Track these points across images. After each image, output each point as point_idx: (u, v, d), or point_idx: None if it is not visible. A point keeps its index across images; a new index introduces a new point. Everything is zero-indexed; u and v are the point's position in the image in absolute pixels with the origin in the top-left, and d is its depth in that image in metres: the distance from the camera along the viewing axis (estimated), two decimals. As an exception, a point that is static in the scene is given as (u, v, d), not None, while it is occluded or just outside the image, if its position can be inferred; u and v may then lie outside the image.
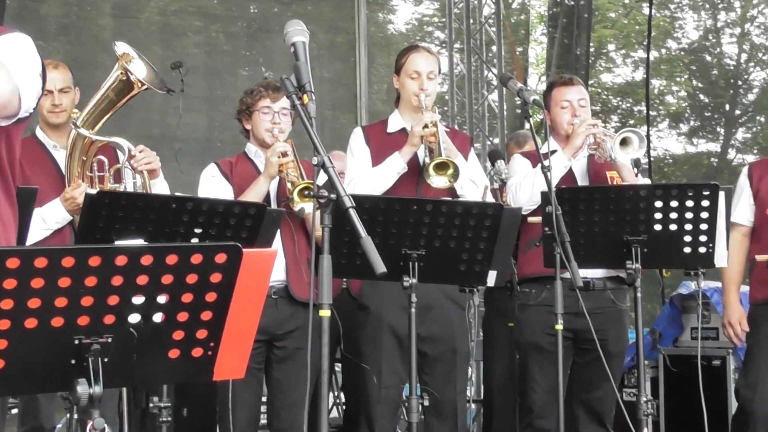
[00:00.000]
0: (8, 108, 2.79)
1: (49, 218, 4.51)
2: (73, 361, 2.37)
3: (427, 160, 4.67)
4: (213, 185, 4.82)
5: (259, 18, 8.47)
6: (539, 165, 4.56)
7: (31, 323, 2.29)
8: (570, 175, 5.07)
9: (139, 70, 4.56)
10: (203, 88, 7.60)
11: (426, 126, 4.67)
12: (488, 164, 7.70)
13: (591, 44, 11.88)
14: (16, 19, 6.65)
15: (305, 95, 2.95)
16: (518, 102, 10.91)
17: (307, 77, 2.96)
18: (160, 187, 4.72)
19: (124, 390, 4.47)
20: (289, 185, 4.60)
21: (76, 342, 2.35)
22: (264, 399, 4.95)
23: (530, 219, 4.85)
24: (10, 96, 2.76)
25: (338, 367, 6.61)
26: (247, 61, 8.62)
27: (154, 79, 4.61)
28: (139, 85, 4.55)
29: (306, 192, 4.43)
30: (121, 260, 2.31)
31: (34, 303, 2.27)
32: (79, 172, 4.60)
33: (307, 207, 4.52)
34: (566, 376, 4.85)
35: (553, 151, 4.91)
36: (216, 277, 2.42)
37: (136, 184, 4.60)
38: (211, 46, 8.09)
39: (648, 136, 9.50)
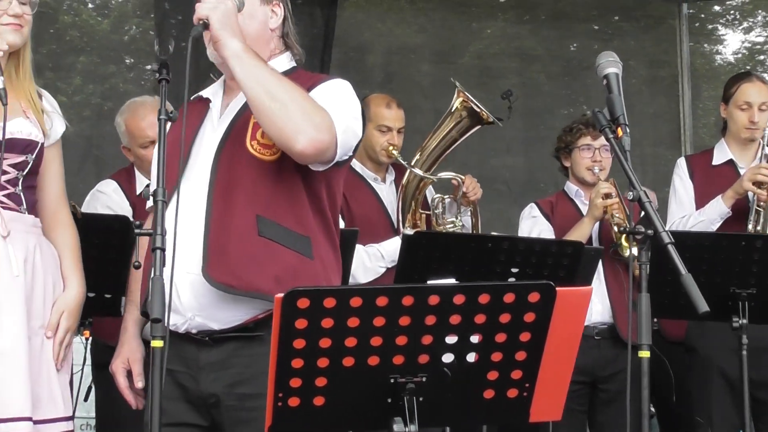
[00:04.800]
0: (325, 155, 2.86)
1: (389, 255, 4.53)
2: (389, 400, 2.39)
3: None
4: (533, 225, 4.81)
5: (578, 56, 8.39)
6: None
7: (348, 362, 2.34)
8: None
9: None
10: (521, 129, 7.59)
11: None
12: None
13: None
14: (341, 69, 6.94)
15: (619, 128, 2.86)
16: None
17: (620, 109, 2.87)
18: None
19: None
20: (615, 229, 4.50)
21: (392, 381, 2.38)
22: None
23: None
24: (328, 144, 2.83)
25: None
26: (567, 100, 8.55)
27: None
28: (486, 116, 4.59)
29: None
30: (433, 299, 2.31)
31: (350, 342, 2.31)
32: (412, 210, 4.69)
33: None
34: None
35: None
36: (530, 317, 2.38)
37: (464, 219, 4.65)
38: (529, 87, 8.07)
39: None
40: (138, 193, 4.60)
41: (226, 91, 3.10)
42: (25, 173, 3.12)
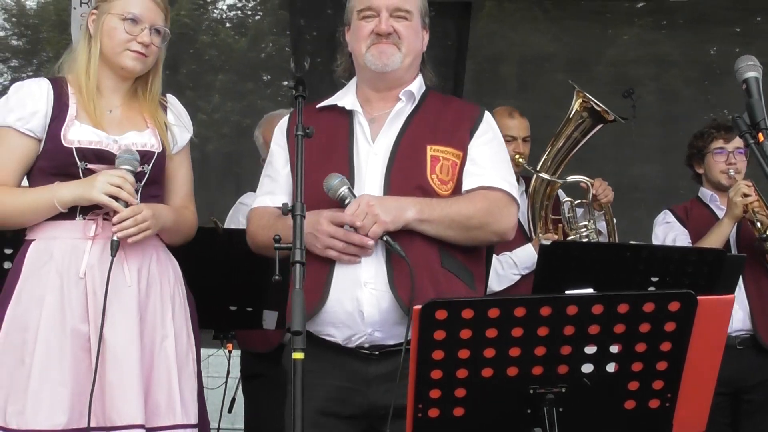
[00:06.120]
0: None
1: (521, 263, 4.53)
2: (528, 411, 2.40)
3: None
4: (668, 230, 4.72)
5: (719, 60, 8.18)
6: None
7: (487, 372, 2.35)
8: None
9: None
10: (658, 137, 7.46)
11: None
12: None
13: None
14: (474, 80, 6.95)
15: (760, 133, 2.78)
16: None
17: (761, 114, 2.79)
18: None
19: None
20: (758, 225, 4.40)
21: (531, 391, 2.38)
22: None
23: None
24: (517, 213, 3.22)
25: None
26: (706, 105, 8.36)
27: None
28: (607, 114, 4.53)
29: None
30: (571, 310, 2.31)
31: (489, 352, 2.33)
32: (542, 216, 4.66)
33: None
34: None
35: None
36: (670, 326, 2.35)
37: (599, 224, 4.61)
38: (666, 94, 7.93)
39: None
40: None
41: (362, 102, 3.17)
42: (143, 183, 3.20)
